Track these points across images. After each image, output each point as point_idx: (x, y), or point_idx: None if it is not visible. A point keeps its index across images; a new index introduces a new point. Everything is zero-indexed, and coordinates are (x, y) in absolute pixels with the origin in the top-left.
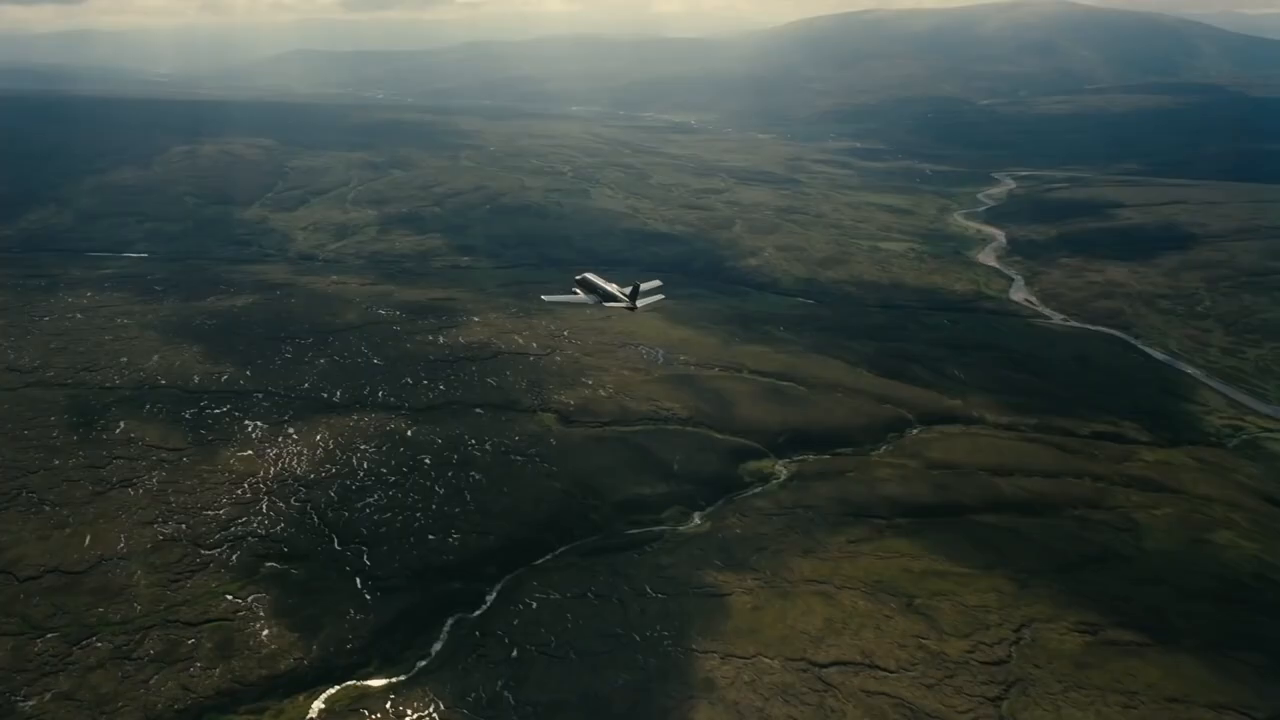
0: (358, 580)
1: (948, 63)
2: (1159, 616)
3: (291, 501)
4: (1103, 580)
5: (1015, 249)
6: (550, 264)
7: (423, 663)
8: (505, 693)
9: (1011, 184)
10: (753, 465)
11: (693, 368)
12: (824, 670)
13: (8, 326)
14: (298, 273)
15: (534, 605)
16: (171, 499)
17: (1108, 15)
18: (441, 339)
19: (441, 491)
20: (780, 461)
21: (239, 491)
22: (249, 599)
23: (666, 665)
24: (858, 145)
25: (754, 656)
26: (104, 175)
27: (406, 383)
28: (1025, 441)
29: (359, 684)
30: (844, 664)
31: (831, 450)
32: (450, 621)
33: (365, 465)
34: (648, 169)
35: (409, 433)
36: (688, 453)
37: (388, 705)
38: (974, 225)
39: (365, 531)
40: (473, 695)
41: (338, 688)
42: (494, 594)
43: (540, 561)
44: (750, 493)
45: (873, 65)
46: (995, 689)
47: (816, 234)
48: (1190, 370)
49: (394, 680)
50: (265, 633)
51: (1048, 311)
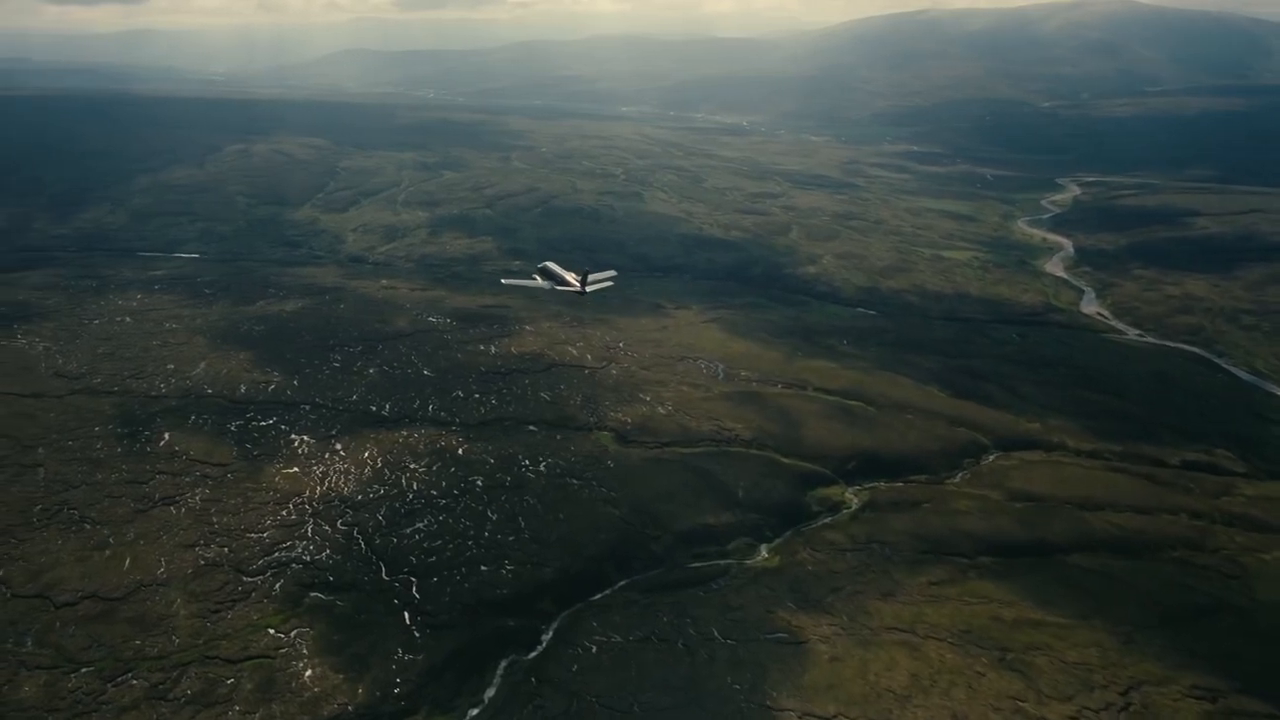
0: (406, 615)
1: (1005, 64)
2: None
3: (338, 525)
4: (1215, 636)
5: (1084, 259)
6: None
7: (475, 711)
8: None
9: (1077, 190)
10: (821, 492)
11: (755, 384)
12: None
13: (57, 330)
14: (347, 276)
15: (593, 649)
16: (214, 519)
17: (1173, 15)
18: (493, 349)
19: (494, 517)
20: (850, 489)
21: (284, 513)
22: (292, 634)
23: None
24: (914, 148)
25: (834, 717)
26: (158, 174)
27: (457, 396)
28: (1112, 471)
29: None
30: None
31: (904, 477)
32: (504, 664)
33: (415, 486)
34: (701, 172)
35: (460, 451)
36: (753, 478)
37: None
38: (1039, 233)
39: (414, 560)
40: None
41: None
42: (550, 633)
43: (599, 597)
44: (820, 523)
45: (927, 66)
46: None
47: (876, 241)
48: None
49: None
50: (309, 673)
51: (1122, 326)
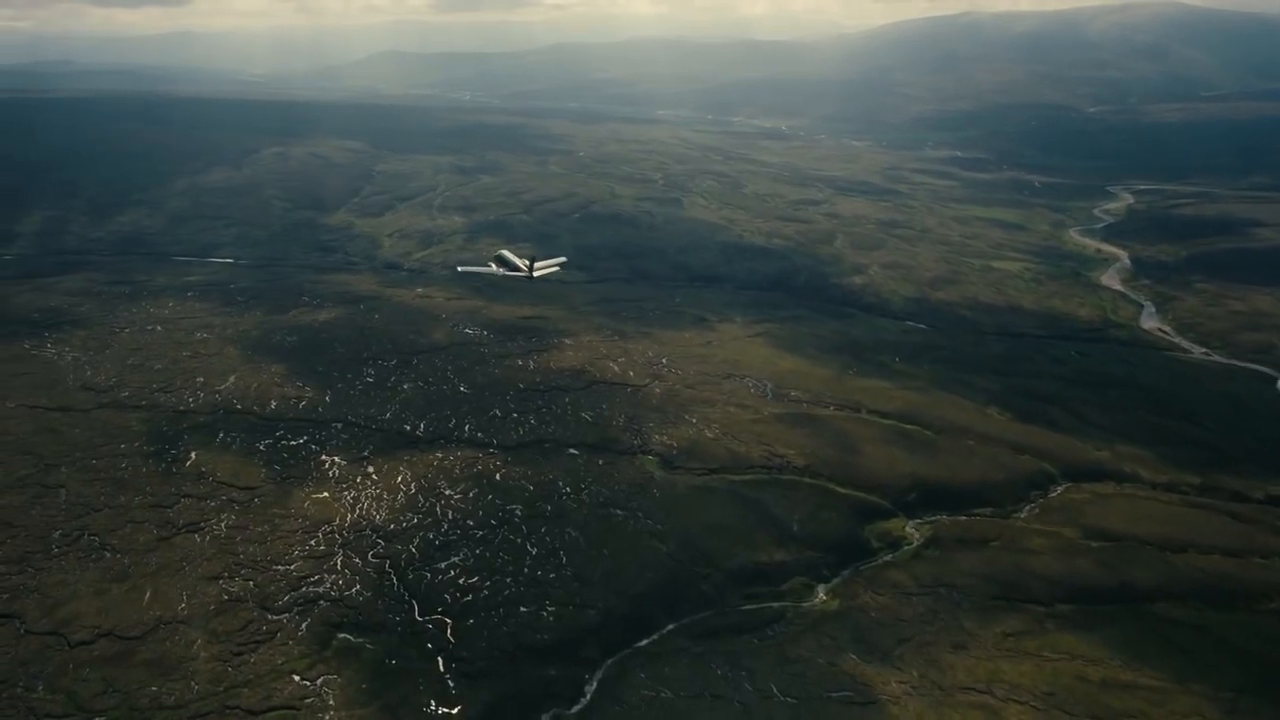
0: (440, 661)
1: (1050, 67)
2: None
3: (369, 557)
4: None
5: (1142, 271)
6: (642, 278)
7: None
8: None
9: (1130, 198)
10: (880, 526)
11: (805, 405)
12: None
13: (88, 339)
14: (383, 284)
15: (641, 706)
16: (240, 549)
17: (1226, 17)
18: (532, 364)
19: (534, 551)
20: (911, 523)
21: (312, 542)
22: (319, 680)
23: None
24: (958, 154)
25: None
26: (195, 177)
27: (495, 415)
28: (1191, 507)
29: None
30: None
31: (968, 510)
32: (546, 719)
33: (450, 515)
34: (741, 177)
35: (498, 476)
36: (807, 510)
37: None
38: (1092, 243)
39: (449, 599)
40: None
41: None
42: (594, 684)
43: (646, 643)
44: (880, 561)
45: (969, 70)
46: None
47: (924, 250)
48: None
49: None
50: None
51: (1186, 343)
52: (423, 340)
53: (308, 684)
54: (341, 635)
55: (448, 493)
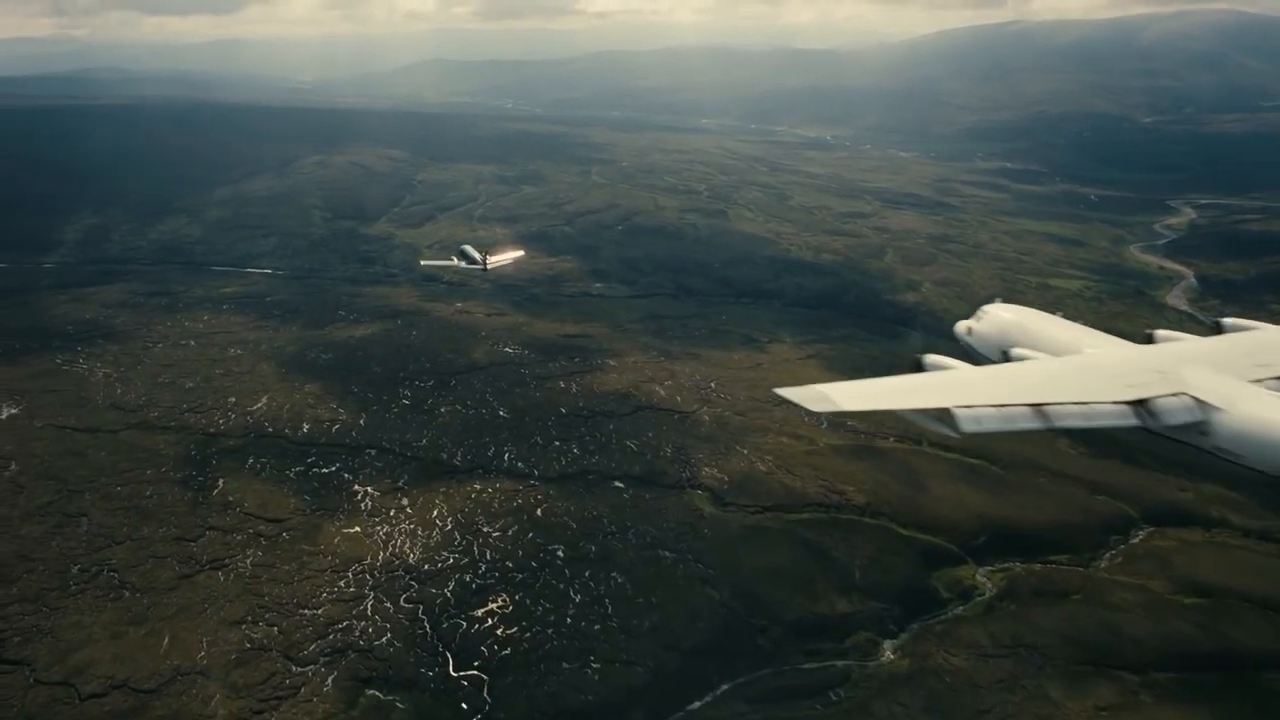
0: None
1: (1102, 77)
2: None
3: (401, 602)
4: None
5: (1209, 290)
6: (687, 294)
7: None
8: None
9: (1192, 213)
10: (949, 574)
11: (863, 436)
12: None
13: (120, 354)
14: (422, 297)
15: None
16: (265, 590)
17: None
18: (575, 387)
19: (578, 599)
20: (982, 570)
21: (341, 583)
22: None
23: None
24: (1009, 166)
25: None
26: (236, 185)
27: (536, 443)
28: None
29: None
30: None
31: (1043, 557)
32: None
33: (489, 555)
34: (787, 189)
35: (539, 512)
36: (870, 554)
37: None
38: (1154, 260)
39: (486, 652)
40: None
41: None
42: None
43: (698, 706)
44: (950, 613)
45: (1018, 79)
46: None
47: (977, 266)
48: None
49: None
50: None
51: None
52: (461, 360)
53: None
54: (370, 692)
55: (486, 529)
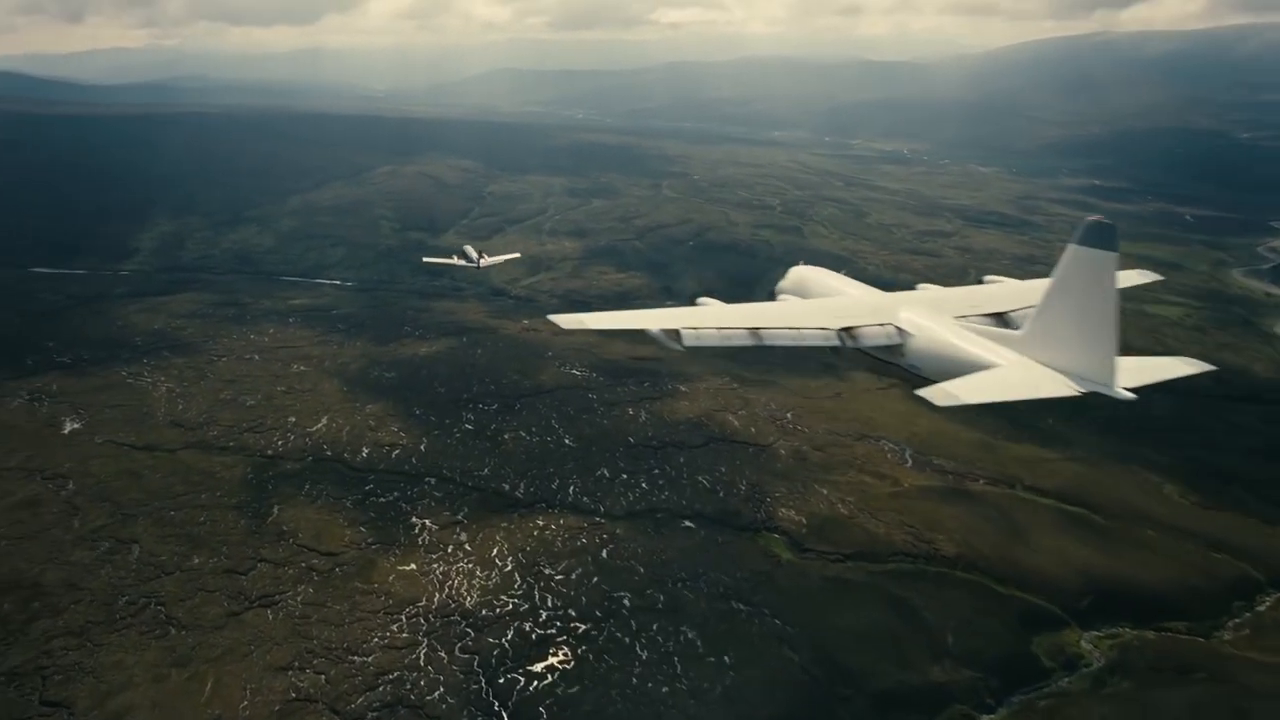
0: None
1: (1195, 90)
2: None
3: (456, 651)
4: None
5: None
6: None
7: None
8: None
9: None
10: (1052, 639)
11: (951, 476)
12: None
13: (185, 367)
14: (489, 313)
15: None
16: (314, 632)
17: None
18: (644, 414)
19: (644, 655)
20: (1088, 635)
21: (394, 627)
22: None
23: None
24: (1096, 183)
25: None
26: (308, 194)
27: (602, 475)
28: None
29: None
30: None
31: (1156, 623)
32: None
33: (550, 602)
34: (863, 205)
35: (605, 554)
36: (963, 614)
37: None
38: (1260, 285)
39: (545, 713)
40: None
41: None
42: None
43: None
44: (1054, 685)
45: (1105, 93)
46: None
47: None
48: None
49: None
50: None
51: None
52: (527, 382)
53: None
54: None
55: (548, 572)
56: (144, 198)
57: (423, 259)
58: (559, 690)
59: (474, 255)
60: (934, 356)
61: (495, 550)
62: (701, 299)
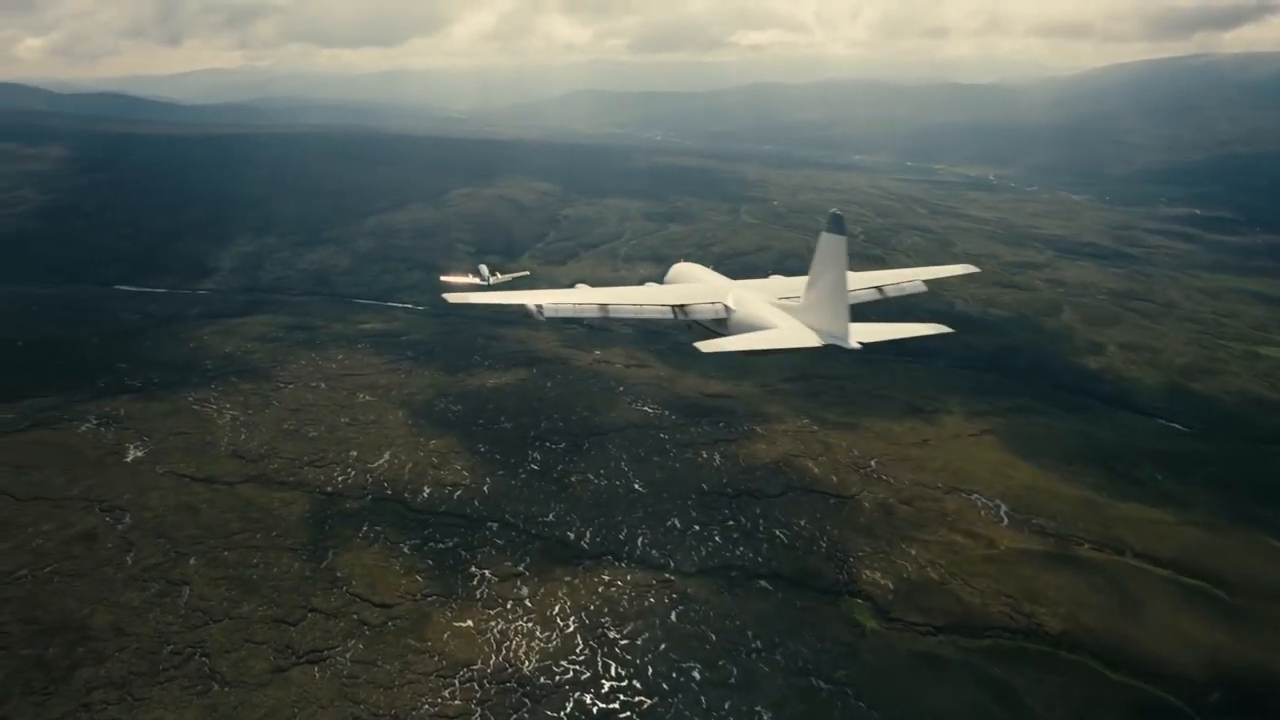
0: None
1: None
2: None
3: None
4: None
5: None
6: (840, 349)
7: None
8: None
9: None
10: None
11: (1052, 539)
12: None
13: (251, 394)
14: (561, 342)
15: None
16: (362, 694)
17: None
18: (718, 458)
19: None
20: None
21: (446, 692)
22: None
23: None
24: (1198, 212)
25: None
26: (384, 216)
27: (673, 526)
28: None
29: None
30: None
31: None
32: None
33: (614, 670)
34: (948, 234)
35: (673, 616)
36: (1072, 704)
37: None
38: None
39: None
40: None
41: None
42: None
43: None
44: None
45: (1205, 117)
46: None
47: (1170, 329)
48: None
49: None
50: None
51: None
52: (597, 418)
53: None
54: None
55: (612, 635)
56: (227, 217)
57: (440, 279)
58: None
59: (486, 274)
60: (747, 325)
61: (557, 608)
62: (579, 284)
